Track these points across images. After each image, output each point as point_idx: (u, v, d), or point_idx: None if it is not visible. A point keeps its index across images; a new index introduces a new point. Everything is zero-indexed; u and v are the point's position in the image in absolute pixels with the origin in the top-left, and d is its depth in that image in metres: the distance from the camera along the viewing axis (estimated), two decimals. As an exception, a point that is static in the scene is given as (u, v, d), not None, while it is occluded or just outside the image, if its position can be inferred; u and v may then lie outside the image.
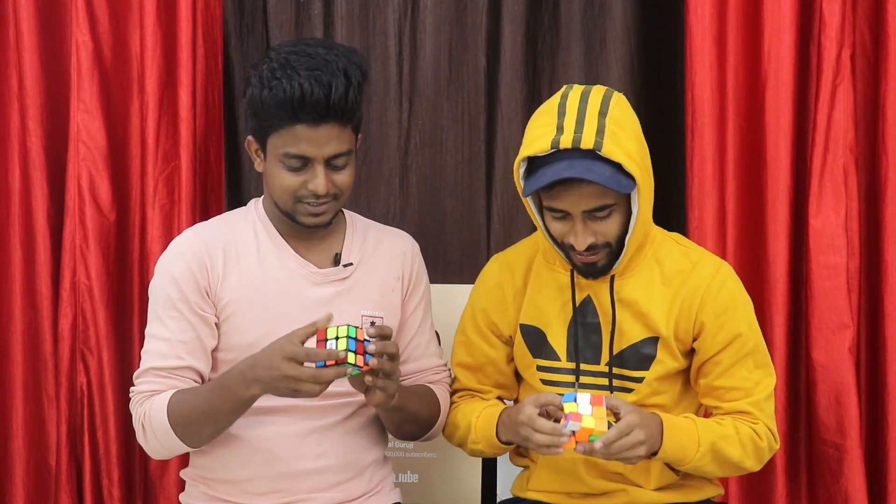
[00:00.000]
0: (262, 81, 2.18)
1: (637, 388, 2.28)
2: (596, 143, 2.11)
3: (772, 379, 2.30)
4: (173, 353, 2.24)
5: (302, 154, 2.18)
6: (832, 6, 2.62)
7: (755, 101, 2.70)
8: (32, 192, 2.77)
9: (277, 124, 2.18)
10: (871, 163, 2.71)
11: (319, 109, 2.15)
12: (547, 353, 2.31)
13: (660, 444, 2.16)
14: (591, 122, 2.12)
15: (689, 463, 2.21)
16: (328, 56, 2.17)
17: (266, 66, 2.19)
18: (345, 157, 2.22)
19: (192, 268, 2.26)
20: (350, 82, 2.17)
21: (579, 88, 2.20)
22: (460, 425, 2.36)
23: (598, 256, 2.21)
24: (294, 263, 2.30)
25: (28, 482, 2.79)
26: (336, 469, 2.30)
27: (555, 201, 2.16)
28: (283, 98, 2.14)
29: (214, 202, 2.84)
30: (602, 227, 2.18)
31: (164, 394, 2.22)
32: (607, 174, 2.11)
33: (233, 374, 2.16)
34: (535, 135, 2.16)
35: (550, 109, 2.18)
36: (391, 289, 2.37)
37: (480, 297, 2.39)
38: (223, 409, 2.17)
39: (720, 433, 2.22)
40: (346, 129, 2.21)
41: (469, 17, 2.96)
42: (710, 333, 2.26)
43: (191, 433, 2.21)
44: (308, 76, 2.14)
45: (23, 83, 2.76)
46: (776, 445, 2.30)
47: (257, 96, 2.18)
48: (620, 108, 2.18)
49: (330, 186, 2.21)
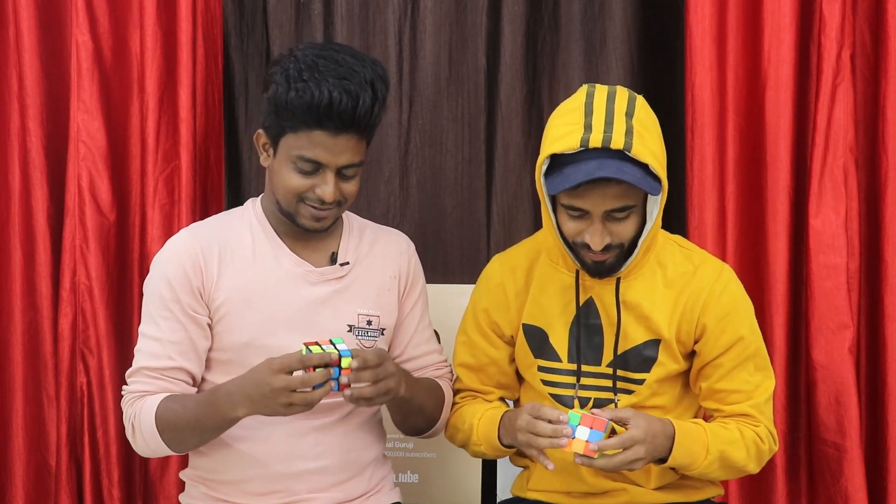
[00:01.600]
0: (289, 81, 2.14)
1: (637, 389, 2.28)
2: (626, 143, 2.10)
3: (771, 382, 2.30)
4: (164, 353, 2.24)
5: (316, 159, 2.17)
6: (832, 6, 2.62)
7: (755, 101, 2.70)
8: (32, 192, 2.77)
9: (297, 126, 2.16)
10: (871, 163, 2.71)
11: (345, 119, 2.13)
12: (548, 353, 2.31)
13: (668, 453, 2.16)
14: (619, 122, 2.12)
15: (696, 469, 2.21)
16: (356, 66, 2.15)
17: (293, 66, 2.15)
18: (356, 168, 2.22)
19: (185, 268, 2.25)
20: (377, 97, 2.15)
21: (604, 88, 2.19)
22: (462, 427, 2.36)
23: (609, 256, 2.20)
24: (290, 263, 2.30)
25: (28, 482, 2.79)
26: (335, 469, 2.30)
27: (577, 200, 2.15)
28: (309, 102, 2.12)
29: (214, 202, 2.84)
30: (619, 229, 2.17)
31: (154, 397, 2.22)
32: (638, 175, 2.10)
33: (220, 394, 2.15)
34: (560, 132, 2.15)
35: (576, 108, 2.17)
36: (387, 288, 2.37)
37: (482, 297, 2.39)
38: (208, 424, 2.18)
39: (727, 438, 2.22)
40: (362, 141, 2.20)
41: (469, 17, 2.96)
42: (713, 336, 2.25)
43: (176, 441, 2.22)
44: (337, 84, 2.12)
45: (23, 83, 2.76)
46: (775, 447, 2.31)
47: (283, 96, 2.15)
48: (645, 111, 2.18)
49: (337, 194, 2.21)
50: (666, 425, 2.17)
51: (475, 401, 2.40)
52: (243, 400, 2.10)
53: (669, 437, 2.16)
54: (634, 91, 2.23)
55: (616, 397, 2.28)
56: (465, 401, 2.41)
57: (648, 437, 2.11)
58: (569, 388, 2.28)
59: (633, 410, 2.16)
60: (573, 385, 2.29)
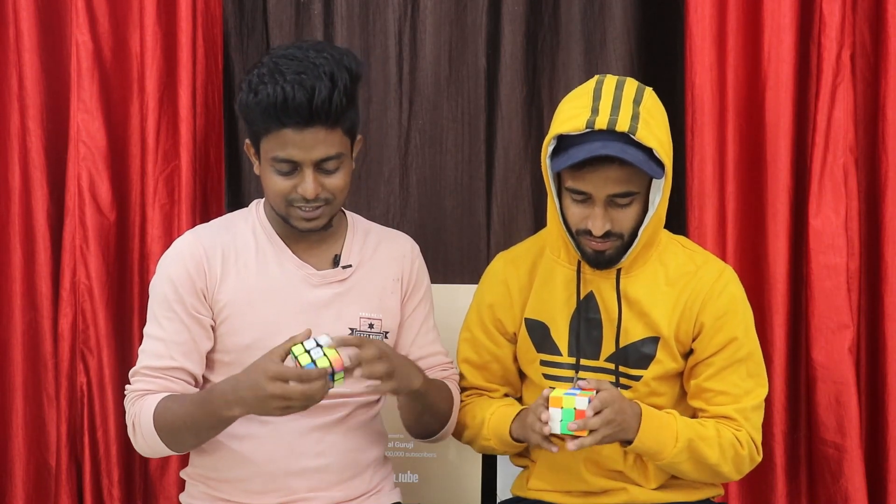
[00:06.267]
0: (250, 87, 2.18)
1: (635, 385, 2.28)
2: (631, 126, 2.13)
3: (763, 390, 2.30)
4: (167, 353, 2.24)
5: (290, 158, 2.18)
6: (832, 6, 2.63)
7: (755, 101, 2.70)
8: (32, 192, 2.77)
9: (265, 128, 2.18)
10: (871, 163, 2.71)
11: (302, 113, 2.14)
12: (550, 347, 2.32)
13: (635, 434, 2.17)
14: (626, 107, 2.15)
15: (665, 458, 2.21)
16: (317, 59, 2.16)
17: (256, 72, 2.19)
18: (335, 161, 2.21)
19: (189, 270, 2.26)
20: (335, 85, 2.15)
21: (614, 77, 2.23)
22: (471, 423, 2.37)
23: (609, 245, 2.21)
24: (293, 265, 2.30)
25: (28, 482, 2.79)
26: (336, 468, 2.30)
27: (580, 182, 2.17)
28: (266, 103, 2.14)
29: (214, 202, 2.84)
30: (620, 216, 2.19)
31: (154, 396, 2.22)
32: (640, 158, 2.13)
33: (215, 393, 2.15)
34: (568, 115, 2.18)
35: (585, 93, 2.20)
36: (390, 291, 2.37)
37: (486, 293, 2.40)
38: (203, 424, 2.18)
39: (700, 433, 2.22)
40: (334, 132, 2.18)
41: (469, 17, 2.96)
42: (708, 335, 2.26)
43: (173, 440, 2.22)
44: (293, 80, 2.13)
45: (23, 83, 2.76)
46: (758, 458, 2.30)
47: (244, 101, 2.19)
48: (653, 101, 2.21)
49: (320, 190, 2.20)
50: (633, 405, 2.18)
51: (482, 398, 2.41)
52: (238, 401, 2.10)
53: (636, 417, 2.17)
54: (635, 89, 2.24)
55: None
56: (471, 398, 2.42)
57: (619, 406, 2.12)
58: (568, 383, 2.29)
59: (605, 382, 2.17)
60: (572, 379, 2.29)
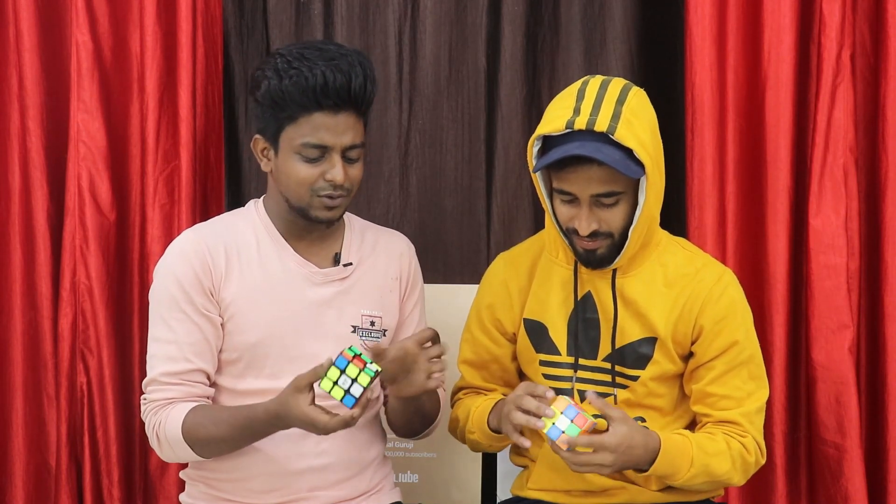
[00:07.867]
0: (280, 73, 2.19)
1: (633, 386, 2.28)
2: (610, 126, 2.13)
3: (764, 392, 2.30)
4: (182, 355, 2.24)
5: (321, 143, 2.20)
6: (832, 6, 2.63)
7: (755, 101, 2.70)
8: (32, 192, 2.77)
9: (296, 114, 2.19)
10: (871, 163, 2.71)
11: (342, 95, 2.18)
12: (548, 347, 2.32)
13: (648, 466, 2.17)
14: (607, 107, 2.15)
15: (678, 480, 2.22)
16: (341, 51, 2.22)
17: (280, 60, 2.21)
18: (359, 150, 2.25)
19: (195, 268, 2.26)
20: (367, 74, 2.21)
21: (601, 77, 2.24)
22: (461, 418, 2.38)
23: (599, 244, 2.22)
24: (295, 263, 2.31)
25: (28, 482, 2.79)
26: (337, 467, 2.30)
27: (564, 183, 2.18)
28: (304, 85, 2.17)
29: (214, 202, 2.84)
30: (607, 215, 2.19)
31: (179, 408, 2.22)
32: (616, 157, 2.13)
33: (258, 418, 2.17)
34: (551, 116, 2.20)
35: (570, 94, 2.21)
36: (389, 289, 2.38)
37: (486, 294, 2.40)
38: (244, 440, 2.22)
39: (713, 450, 2.22)
40: (360, 120, 2.24)
41: (469, 17, 2.96)
42: (708, 338, 2.26)
43: (207, 452, 2.25)
44: (328, 65, 2.18)
45: (23, 83, 2.76)
46: (762, 460, 2.30)
47: (276, 87, 2.19)
48: (638, 100, 2.21)
49: (345, 178, 2.22)
50: (650, 439, 2.16)
51: (478, 396, 2.41)
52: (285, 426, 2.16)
53: (651, 452, 2.16)
54: (635, 90, 2.24)
55: (613, 392, 2.28)
56: (467, 396, 2.42)
57: (622, 448, 2.11)
58: (567, 382, 2.29)
59: (623, 415, 2.15)
60: (571, 378, 2.29)
